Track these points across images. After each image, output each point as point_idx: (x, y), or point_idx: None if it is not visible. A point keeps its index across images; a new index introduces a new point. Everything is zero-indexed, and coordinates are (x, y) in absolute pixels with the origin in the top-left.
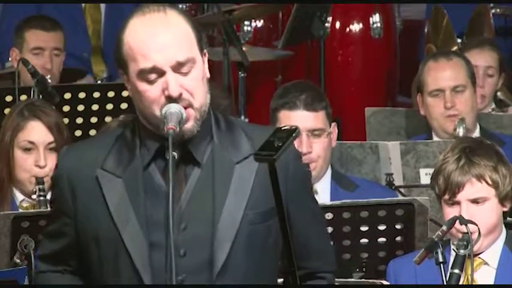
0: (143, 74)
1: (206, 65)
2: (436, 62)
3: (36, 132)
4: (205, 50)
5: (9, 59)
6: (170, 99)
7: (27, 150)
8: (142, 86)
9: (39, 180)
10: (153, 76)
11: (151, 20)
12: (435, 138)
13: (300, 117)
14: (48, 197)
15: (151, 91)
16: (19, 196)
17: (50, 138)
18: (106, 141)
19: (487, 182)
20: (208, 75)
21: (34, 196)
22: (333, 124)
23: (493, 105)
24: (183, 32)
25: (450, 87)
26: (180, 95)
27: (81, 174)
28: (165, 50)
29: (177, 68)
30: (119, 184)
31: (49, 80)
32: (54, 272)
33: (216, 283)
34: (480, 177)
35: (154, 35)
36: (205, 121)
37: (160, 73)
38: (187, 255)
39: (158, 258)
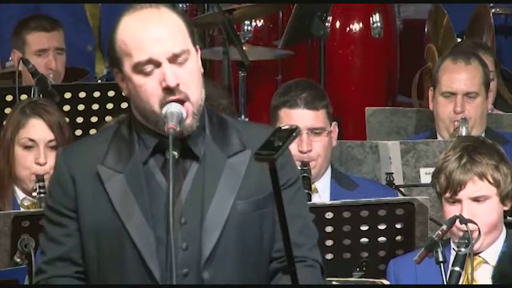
0: (139, 67)
1: (199, 60)
2: (454, 63)
3: (37, 129)
4: (198, 46)
5: (11, 59)
6: (168, 91)
7: (27, 147)
8: (138, 80)
9: (40, 178)
10: (149, 68)
11: (143, 15)
12: (439, 137)
13: (300, 116)
14: None
15: (149, 84)
16: (20, 194)
17: (50, 136)
18: (103, 138)
19: (488, 181)
20: (202, 70)
21: (34, 193)
22: (334, 123)
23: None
24: (176, 25)
25: (463, 92)
26: (178, 85)
27: (82, 170)
28: (160, 42)
29: (173, 60)
30: (120, 179)
31: (52, 80)
32: (66, 277)
33: (203, 273)
34: (482, 176)
35: (147, 28)
36: (200, 116)
37: (157, 65)
38: (189, 248)
39: (163, 251)
